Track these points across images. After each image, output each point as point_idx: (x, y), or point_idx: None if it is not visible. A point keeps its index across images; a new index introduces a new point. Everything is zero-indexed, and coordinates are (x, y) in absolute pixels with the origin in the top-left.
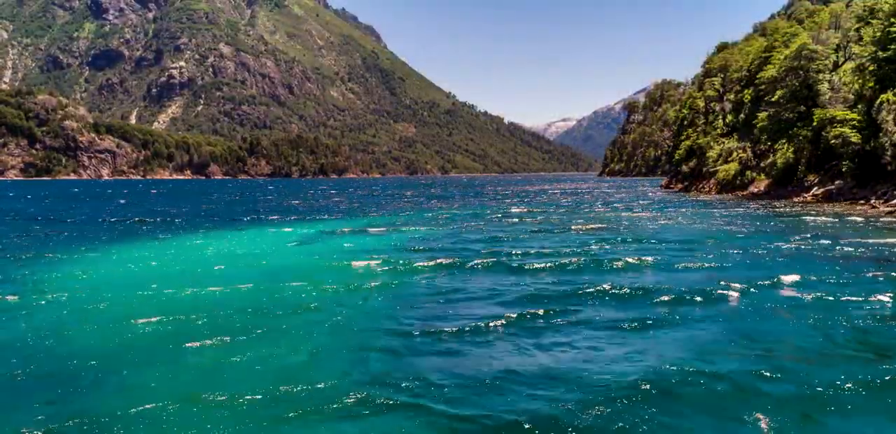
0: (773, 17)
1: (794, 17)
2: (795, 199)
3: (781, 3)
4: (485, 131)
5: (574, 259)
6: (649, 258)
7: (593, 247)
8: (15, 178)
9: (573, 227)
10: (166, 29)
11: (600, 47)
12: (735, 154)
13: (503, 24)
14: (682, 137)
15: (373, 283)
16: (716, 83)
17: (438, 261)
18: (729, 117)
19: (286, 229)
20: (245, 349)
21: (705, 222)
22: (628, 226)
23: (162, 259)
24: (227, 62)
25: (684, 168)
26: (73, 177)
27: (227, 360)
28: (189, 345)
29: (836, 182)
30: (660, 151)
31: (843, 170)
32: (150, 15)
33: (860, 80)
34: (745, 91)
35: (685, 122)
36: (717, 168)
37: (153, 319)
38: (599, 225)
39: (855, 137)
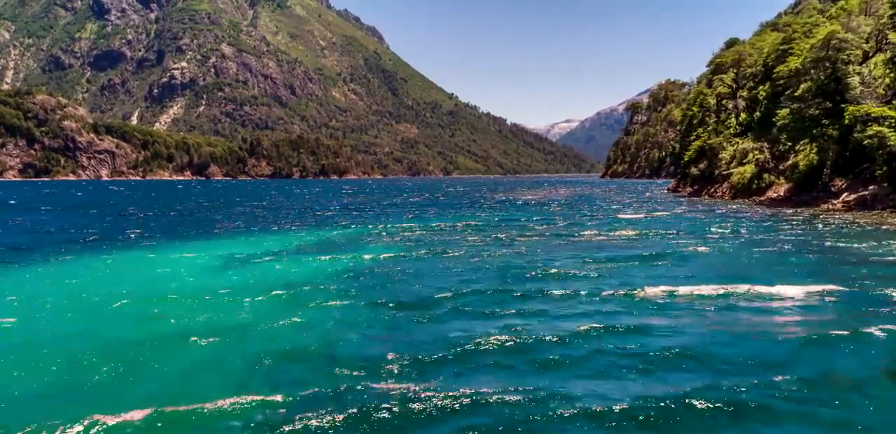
0: (779, 16)
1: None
2: (823, 207)
3: (788, 2)
4: (487, 132)
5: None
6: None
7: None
8: (13, 179)
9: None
10: (168, 29)
11: (603, 49)
12: (751, 155)
13: (506, 26)
14: (692, 137)
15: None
16: (727, 79)
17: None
18: (742, 116)
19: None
20: None
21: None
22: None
23: None
24: (228, 63)
25: (693, 170)
26: (71, 177)
27: None
28: None
29: (871, 187)
30: (664, 153)
31: (877, 174)
32: (152, 15)
33: (892, 74)
34: (760, 87)
35: (694, 121)
36: (731, 171)
37: None
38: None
39: (893, 138)
